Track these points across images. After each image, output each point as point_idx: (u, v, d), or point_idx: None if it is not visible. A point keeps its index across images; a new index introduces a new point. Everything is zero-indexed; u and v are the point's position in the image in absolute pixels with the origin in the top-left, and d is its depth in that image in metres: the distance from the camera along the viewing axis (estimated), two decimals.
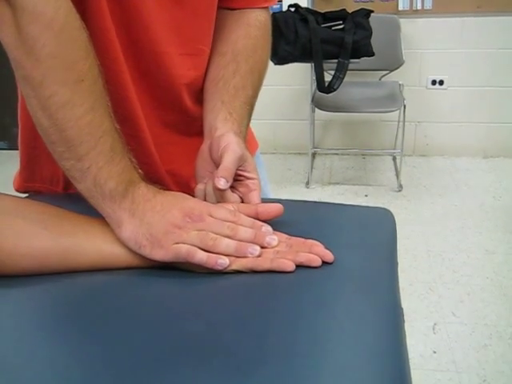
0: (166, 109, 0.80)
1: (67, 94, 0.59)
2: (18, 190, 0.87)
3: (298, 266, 0.58)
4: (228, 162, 0.67)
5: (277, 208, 0.65)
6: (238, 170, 0.69)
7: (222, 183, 0.65)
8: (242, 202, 0.68)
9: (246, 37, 0.83)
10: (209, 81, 0.82)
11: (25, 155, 0.85)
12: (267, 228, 0.62)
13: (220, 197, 0.67)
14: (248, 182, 0.70)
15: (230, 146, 0.69)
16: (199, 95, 0.83)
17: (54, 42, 0.58)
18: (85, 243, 0.61)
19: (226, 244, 0.59)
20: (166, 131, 0.83)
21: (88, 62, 0.61)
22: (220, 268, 0.58)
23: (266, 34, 0.86)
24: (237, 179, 0.70)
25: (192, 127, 0.84)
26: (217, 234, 0.59)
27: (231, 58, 0.81)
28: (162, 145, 0.82)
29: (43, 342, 0.50)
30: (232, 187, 0.69)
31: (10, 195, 0.65)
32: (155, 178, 0.80)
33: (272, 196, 1.02)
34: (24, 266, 0.59)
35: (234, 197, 0.68)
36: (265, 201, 0.69)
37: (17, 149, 0.86)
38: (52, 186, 0.84)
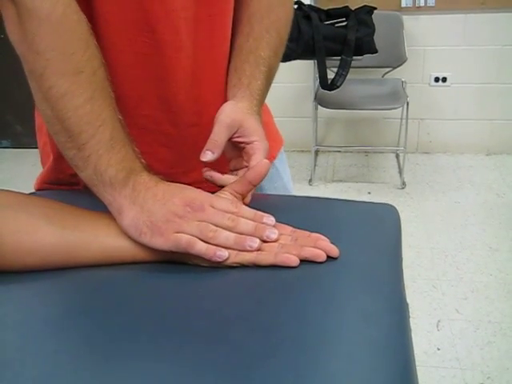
0: (186, 81, 0.78)
1: (66, 85, 0.61)
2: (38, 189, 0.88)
3: (303, 261, 0.58)
4: (214, 133, 0.68)
5: (262, 165, 0.65)
6: (234, 137, 0.69)
7: (208, 156, 0.66)
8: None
9: None
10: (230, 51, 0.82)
11: (55, 155, 0.84)
12: (269, 218, 0.62)
13: (210, 177, 0.68)
14: (248, 147, 0.70)
15: (219, 117, 0.70)
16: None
17: (52, 34, 0.60)
18: (89, 237, 0.60)
19: (226, 236, 0.59)
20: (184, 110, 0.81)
21: (87, 53, 0.62)
22: (219, 260, 0.58)
23: None
24: (238, 147, 0.71)
25: None
26: (217, 225, 0.59)
27: (245, 23, 0.80)
28: (180, 124, 0.81)
29: (48, 337, 0.50)
30: (239, 157, 0.70)
31: (13, 191, 0.65)
32: (175, 160, 0.80)
33: (294, 193, 1.01)
34: (28, 262, 0.59)
35: (226, 179, 0.68)
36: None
37: (19, 147, 0.86)
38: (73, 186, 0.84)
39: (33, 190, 0.88)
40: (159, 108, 0.78)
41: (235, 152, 0.72)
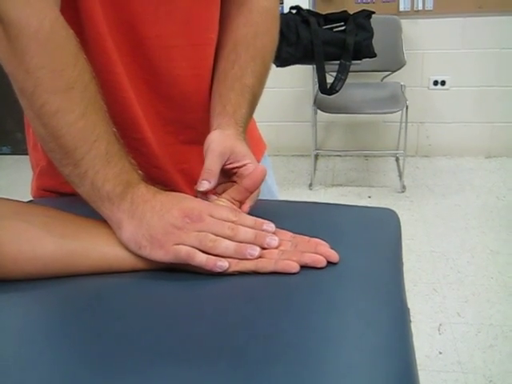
0: (174, 108, 0.81)
1: (58, 102, 0.60)
2: (35, 197, 0.88)
3: (303, 266, 0.58)
4: (207, 163, 0.68)
5: (258, 172, 0.65)
6: (226, 165, 0.69)
7: (205, 185, 0.65)
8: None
9: (247, 24, 0.82)
10: (213, 75, 0.82)
11: (46, 161, 0.85)
12: (269, 225, 0.62)
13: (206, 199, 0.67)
14: (241, 170, 0.70)
15: (210, 146, 0.69)
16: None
17: (41, 52, 0.60)
18: (89, 246, 0.60)
19: (225, 246, 0.58)
20: (172, 132, 0.83)
21: (77, 68, 0.62)
22: (219, 270, 0.58)
23: (270, 18, 0.85)
24: (232, 174, 0.71)
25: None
26: (216, 234, 0.59)
27: (231, 49, 0.81)
28: (171, 145, 0.82)
29: (48, 345, 0.50)
30: (233, 181, 0.70)
31: (13, 199, 0.65)
32: (166, 181, 0.81)
33: (279, 197, 1.02)
34: (28, 271, 0.59)
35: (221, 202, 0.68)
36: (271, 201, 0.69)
37: (20, 154, 0.86)
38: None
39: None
40: (149, 131, 0.79)
41: (224, 179, 0.72)
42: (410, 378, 0.46)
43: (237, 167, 0.70)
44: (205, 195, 0.67)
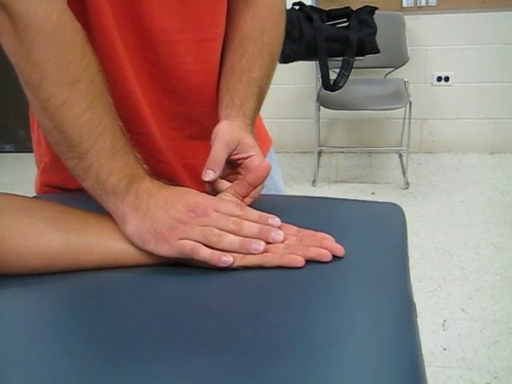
0: (179, 103, 0.81)
1: (64, 95, 0.60)
2: (39, 193, 0.88)
3: (308, 261, 0.58)
4: (214, 151, 0.68)
5: (263, 167, 0.65)
6: (232, 155, 0.70)
7: (210, 175, 0.66)
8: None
9: (254, 19, 0.82)
10: (220, 70, 0.82)
11: (49, 157, 0.85)
12: (274, 219, 0.62)
13: (211, 189, 0.68)
14: (246, 161, 0.70)
15: (218, 135, 0.70)
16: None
17: (48, 44, 0.60)
18: (93, 241, 0.60)
19: (230, 240, 0.58)
20: (177, 127, 0.82)
21: (84, 61, 0.62)
22: (224, 265, 0.57)
23: (277, 14, 0.85)
24: (237, 164, 0.71)
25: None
26: (221, 229, 0.59)
27: (238, 43, 0.81)
28: (175, 140, 0.82)
29: (54, 339, 0.50)
30: (237, 173, 0.71)
31: (17, 195, 0.65)
32: (171, 176, 0.81)
33: (284, 193, 1.01)
34: (33, 265, 0.59)
35: (224, 184, 0.68)
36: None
37: (23, 151, 0.86)
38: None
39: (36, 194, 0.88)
40: (154, 125, 0.79)
41: (230, 170, 0.72)
42: (416, 374, 0.46)
43: (242, 158, 0.70)
44: (211, 184, 0.67)
